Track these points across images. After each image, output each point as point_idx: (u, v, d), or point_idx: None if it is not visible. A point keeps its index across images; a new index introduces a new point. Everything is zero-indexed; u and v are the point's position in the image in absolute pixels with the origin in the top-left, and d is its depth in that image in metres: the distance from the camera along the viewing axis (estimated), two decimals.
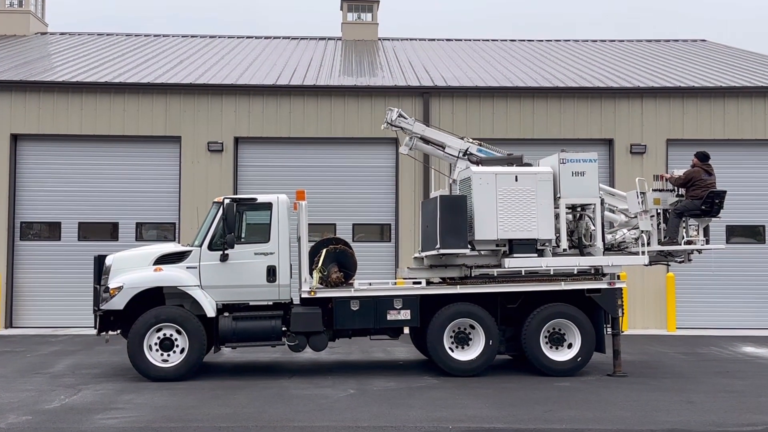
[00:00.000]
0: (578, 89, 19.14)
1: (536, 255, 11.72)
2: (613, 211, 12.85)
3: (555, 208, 11.77)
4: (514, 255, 11.65)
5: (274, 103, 18.78)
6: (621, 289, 11.88)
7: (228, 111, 18.72)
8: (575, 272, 11.89)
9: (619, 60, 23.47)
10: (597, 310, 11.85)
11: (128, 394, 10.22)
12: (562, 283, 11.76)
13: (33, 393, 10.29)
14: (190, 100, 18.71)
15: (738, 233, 18.80)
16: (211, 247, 11.51)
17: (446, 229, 11.48)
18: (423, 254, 12.53)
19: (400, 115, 12.94)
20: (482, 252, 12.08)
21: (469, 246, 11.72)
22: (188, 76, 19.81)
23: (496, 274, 11.87)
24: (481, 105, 18.88)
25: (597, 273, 11.98)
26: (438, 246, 11.55)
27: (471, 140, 13.13)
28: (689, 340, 16.44)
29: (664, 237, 12.10)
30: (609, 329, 11.88)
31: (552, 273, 11.85)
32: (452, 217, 11.50)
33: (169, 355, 11.20)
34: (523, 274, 11.82)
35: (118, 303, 11.23)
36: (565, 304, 11.75)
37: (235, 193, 17.97)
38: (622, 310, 11.86)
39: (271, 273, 11.48)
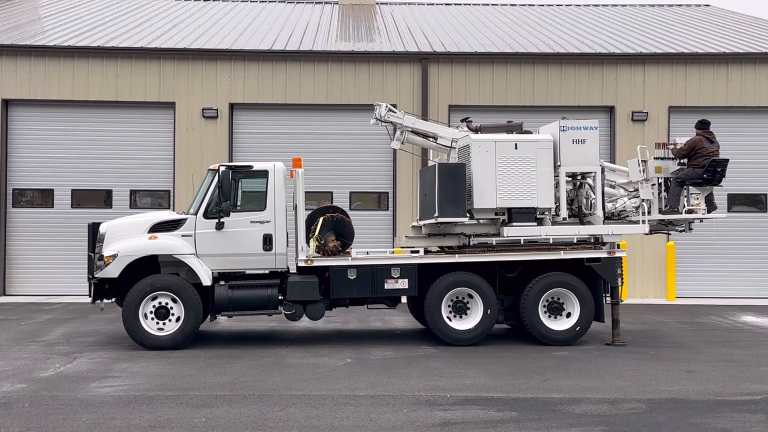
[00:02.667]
0: (579, 55, 18.85)
1: (535, 224, 11.60)
2: (612, 187, 12.69)
3: (555, 176, 11.63)
4: (513, 224, 11.54)
5: (270, 69, 18.49)
6: (621, 258, 11.81)
7: (223, 77, 18.44)
8: (575, 241, 11.80)
9: (621, 25, 23.13)
10: (596, 279, 11.78)
11: (124, 362, 10.16)
12: (562, 252, 11.66)
13: (28, 361, 10.23)
14: (184, 65, 18.41)
15: (740, 202, 18.69)
16: (206, 215, 11.36)
17: (445, 197, 11.33)
18: (421, 223, 12.40)
19: (389, 110, 12.60)
20: (481, 221, 11.96)
21: (468, 214, 11.59)
22: (182, 40, 19.47)
23: (494, 243, 11.77)
24: (480, 71, 18.61)
25: (597, 242, 11.89)
26: (436, 214, 11.41)
27: (465, 129, 12.79)
28: (689, 309, 16.44)
29: (665, 206, 11.98)
30: (608, 298, 11.83)
31: (551, 242, 11.77)
32: (451, 185, 11.35)
33: (164, 324, 11.12)
34: (522, 243, 11.72)
35: (112, 271, 11.12)
36: (565, 273, 11.67)
37: (231, 160, 17.79)
38: (622, 279, 11.80)
39: (268, 241, 11.35)
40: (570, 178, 11.89)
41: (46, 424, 7.16)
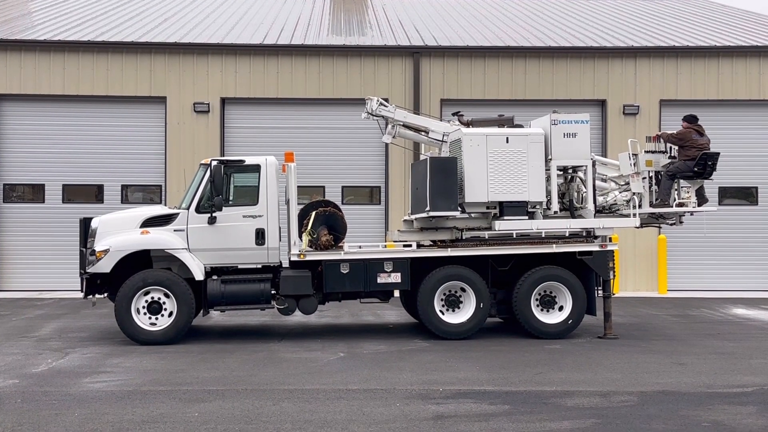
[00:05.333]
0: (571, 49, 18.87)
1: (527, 217, 11.63)
2: (604, 180, 12.73)
3: (546, 170, 11.66)
4: (505, 217, 11.56)
5: (262, 63, 18.44)
6: (612, 251, 11.85)
7: (214, 71, 18.38)
8: (566, 235, 11.83)
9: (612, 19, 23.17)
10: (588, 272, 11.81)
11: (116, 357, 10.14)
12: (554, 245, 11.69)
13: (19, 357, 10.20)
14: (175, 59, 18.34)
15: (730, 195, 18.79)
16: (198, 210, 11.34)
17: (436, 191, 11.34)
18: (413, 217, 12.41)
19: (381, 104, 12.59)
20: (473, 214, 11.97)
21: (460, 208, 11.60)
22: (173, 34, 19.39)
23: (487, 237, 11.79)
24: (472, 65, 18.61)
25: (588, 235, 11.93)
26: (428, 208, 11.42)
27: (456, 122, 12.77)
28: (680, 302, 16.52)
29: (656, 199, 12.02)
30: (600, 291, 11.87)
31: (543, 235, 11.77)
32: (442, 179, 11.36)
33: (157, 319, 11.10)
34: (514, 236, 11.74)
35: (104, 266, 11.09)
36: (557, 266, 11.69)
37: (223, 154, 17.74)
38: (614, 272, 11.84)
39: (260, 236, 11.34)
40: (561, 172, 11.91)
41: (38, 420, 7.14)
